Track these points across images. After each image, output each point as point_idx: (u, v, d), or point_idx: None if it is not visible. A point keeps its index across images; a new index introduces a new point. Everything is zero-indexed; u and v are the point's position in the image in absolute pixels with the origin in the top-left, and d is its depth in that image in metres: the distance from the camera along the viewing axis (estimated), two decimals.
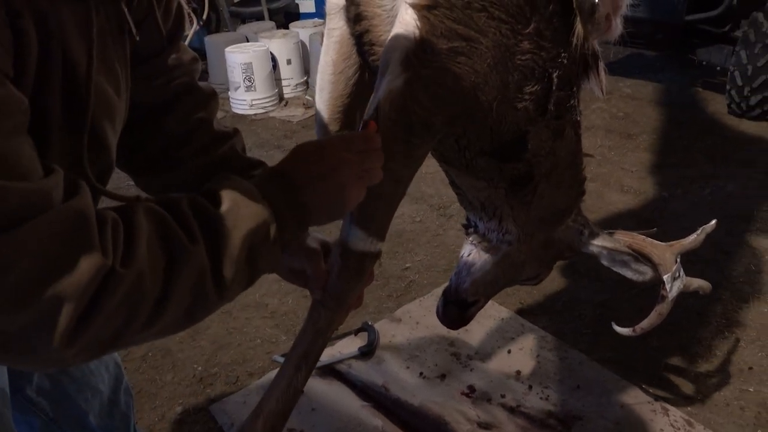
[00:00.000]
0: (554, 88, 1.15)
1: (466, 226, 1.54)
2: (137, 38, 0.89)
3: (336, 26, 1.32)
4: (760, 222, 3.21)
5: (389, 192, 1.10)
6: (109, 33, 0.83)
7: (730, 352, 2.33)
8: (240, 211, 0.78)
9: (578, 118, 1.31)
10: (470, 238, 1.52)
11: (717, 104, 4.64)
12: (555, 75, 1.13)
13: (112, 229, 0.65)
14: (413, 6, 1.00)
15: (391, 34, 1.03)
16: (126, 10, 0.84)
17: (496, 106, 1.12)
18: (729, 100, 4.36)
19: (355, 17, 1.13)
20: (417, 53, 1.01)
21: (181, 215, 0.74)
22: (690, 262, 2.70)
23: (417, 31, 1.00)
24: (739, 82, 4.18)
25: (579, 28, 1.08)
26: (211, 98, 1.12)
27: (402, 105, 1.02)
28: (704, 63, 4.72)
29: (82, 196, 0.64)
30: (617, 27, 1.11)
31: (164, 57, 1.04)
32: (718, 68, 4.61)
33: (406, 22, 1.00)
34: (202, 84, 1.12)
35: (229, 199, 0.78)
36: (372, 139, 0.95)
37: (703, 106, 4.73)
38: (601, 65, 1.24)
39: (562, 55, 1.13)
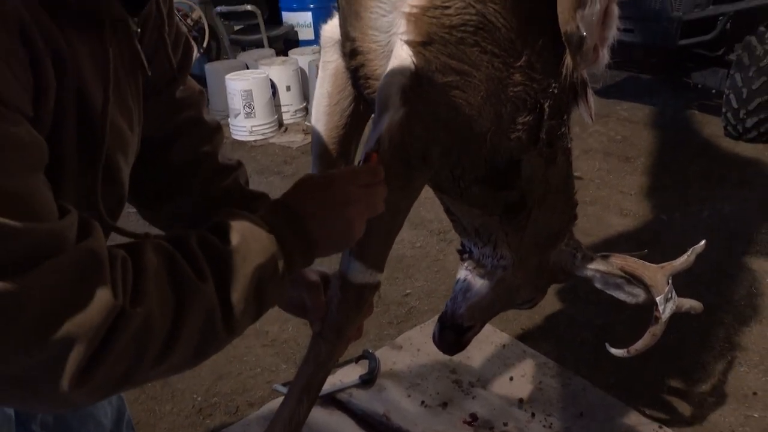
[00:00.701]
0: (545, 117, 1.18)
1: (461, 252, 1.55)
2: (149, 73, 0.90)
3: (331, 59, 1.35)
4: (759, 244, 3.22)
5: (387, 224, 1.11)
6: (123, 68, 0.83)
7: (734, 377, 2.31)
8: (249, 247, 0.78)
9: (568, 145, 1.34)
10: (465, 264, 1.53)
11: (713, 126, 4.67)
12: (546, 105, 1.16)
13: (122, 268, 0.65)
14: (408, 42, 1.02)
15: (387, 69, 1.05)
16: (138, 45, 0.85)
17: (490, 137, 1.14)
18: (725, 123, 4.39)
19: (350, 52, 1.15)
20: (413, 88, 1.03)
21: (189, 252, 0.74)
22: (690, 284, 2.71)
23: (413, 67, 1.02)
24: (735, 105, 4.22)
25: (568, 60, 1.11)
26: (217, 132, 1.13)
27: (400, 139, 1.03)
28: (699, 86, 4.77)
29: (95, 237, 0.64)
30: (604, 57, 1.14)
31: (172, 90, 1.05)
32: (714, 91, 4.65)
33: (401, 57, 1.02)
34: (207, 117, 1.13)
35: (237, 234, 0.78)
36: (377, 172, 0.95)
37: (700, 129, 4.76)
38: (590, 92, 1.26)
39: (553, 85, 1.16)
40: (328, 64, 1.36)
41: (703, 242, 1.54)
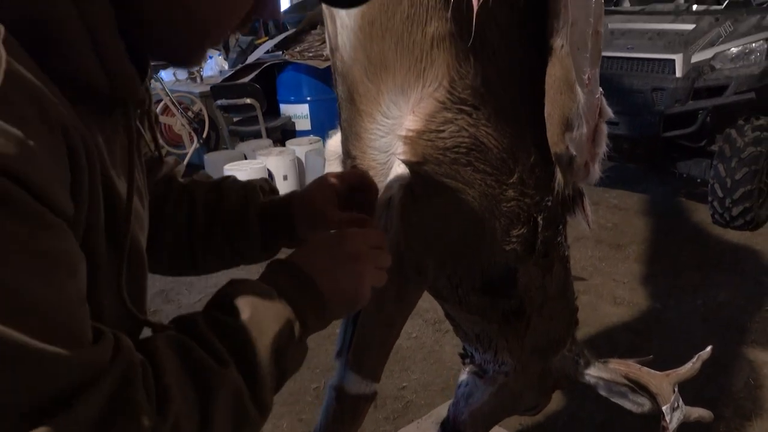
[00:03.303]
0: (540, 229, 1.23)
1: (463, 356, 1.57)
2: (152, 152, 0.92)
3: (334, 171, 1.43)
4: (755, 333, 3.22)
5: (382, 335, 1.14)
6: (127, 149, 0.80)
7: None
8: (261, 317, 0.74)
9: (566, 253, 1.38)
10: (467, 368, 1.54)
11: (701, 213, 4.77)
12: (540, 218, 1.22)
13: (144, 377, 0.62)
14: (405, 162, 1.09)
15: (386, 185, 1.11)
16: (139, 124, 0.83)
17: (484, 249, 1.19)
18: (712, 211, 4.49)
19: (351, 168, 1.22)
20: (409, 204, 1.09)
21: (203, 339, 0.70)
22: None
23: (409, 185, 1.08)
24: (720, 194, 4.33)
25: (559, 177, 1.18)
26: (176, 164, 1.09)
27: (395, 251, 1.08)
28: (685, 175, 4.92)
29: (127, 351, 0.62)
30: (595, 172, 1.21)
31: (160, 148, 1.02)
32: (699, 180, 4.79)
33: (399, 176, 1.08)
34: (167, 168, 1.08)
35: (247, 306, 0.74)
36: (384, 238, 0.93)
37: (688, 216, 4.86)
38: (586, 201, 1.32)
39: (546, 199, 1.22)
40: None
41: (709, 348, 1.57)
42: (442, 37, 1.03)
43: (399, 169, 1.08)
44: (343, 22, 1.10)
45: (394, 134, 1.11)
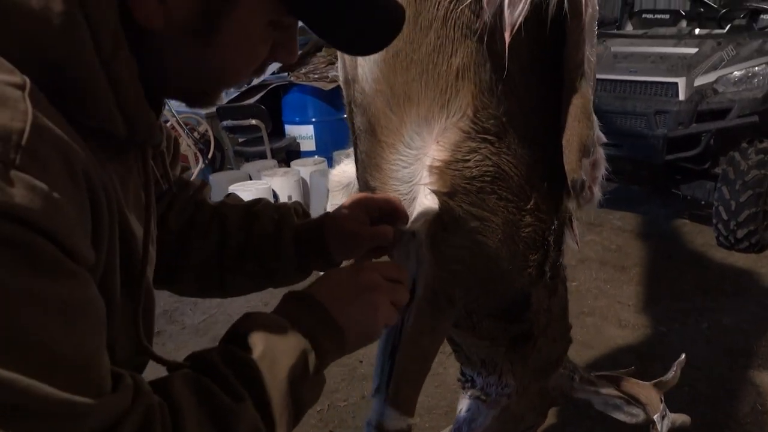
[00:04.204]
0: (551, 252, 1.26)
1: (463, 381, 1.58)
2: (165, 188, 0.93)
3: (338, 203, 1.43)
4: (761, 358, 3.21)
5: (417, 370, 1.16)
6: (142, 188, 0.81)
7: None
8: (276, 350, 0.74)
9: (564, 274, 1.42)
10: (468, 393, 1.55)
11: (705, 236, 4.77)
12: (551, 240, 1.25)
13: (161, 420, 0.63)
14: (435, 193, 1.10)
15: (414, 217, 1.12)
16: (153, 164, 0.84)
17: (507, 275, 1.21)
18: (717, 233, 4.50)
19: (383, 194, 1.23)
20: (440, 235, 1.11)
21: (218, 375, 0.70)
22: (695, 402, 2.69)
23: (438, 215, 1.10)
24: (725, 217, 4.35)
25: (569, 201, 1.21)
26: (203, 186, 1.11)
27: (429, 283, 1.10)
28: (688, 197, 4.93)
29: (144, 394, 0.63)
30: (597, 195, 1.24)
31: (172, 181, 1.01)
32: (703, 202, 4.80)
33: (428, 207, 1.10)
34: (192, 189, 1.10)
35: (261, 340, 0.74)
36: (402, 271, 0.92)
37: (692, 238, 4.87)
38: (575, 222, 1.36)
39: (555, 222, 1.27)
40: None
41: (683, 356, 1.60)
42: (467, 67, 1.06)
43: (425, 200, 1.10)
44: None
45: (418, 164, 1.13)
